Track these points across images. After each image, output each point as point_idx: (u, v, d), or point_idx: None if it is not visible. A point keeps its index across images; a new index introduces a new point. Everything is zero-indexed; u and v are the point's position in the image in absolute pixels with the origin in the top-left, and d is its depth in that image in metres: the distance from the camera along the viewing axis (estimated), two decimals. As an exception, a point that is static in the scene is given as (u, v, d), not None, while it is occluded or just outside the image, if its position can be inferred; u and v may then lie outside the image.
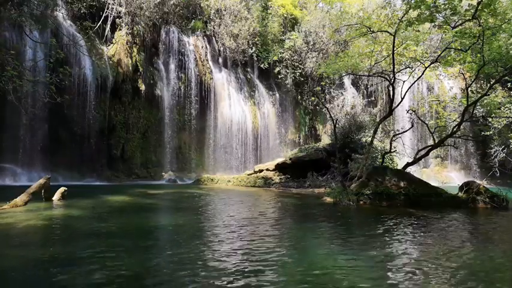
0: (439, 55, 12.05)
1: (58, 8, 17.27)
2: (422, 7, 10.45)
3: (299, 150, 19.92)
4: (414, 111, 14.45)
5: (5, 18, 13.77)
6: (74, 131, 17.92)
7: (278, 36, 26.44)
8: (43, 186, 9.03)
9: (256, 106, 25.12)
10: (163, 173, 20.77)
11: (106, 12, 19.52)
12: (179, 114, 22.11)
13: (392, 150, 13.73)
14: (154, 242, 5.62)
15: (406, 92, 13.28)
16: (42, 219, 7.00)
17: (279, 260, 4.51)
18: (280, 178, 17.38)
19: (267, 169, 18.39)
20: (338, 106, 19.43)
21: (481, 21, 10.39)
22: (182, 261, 4.43)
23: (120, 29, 20.33)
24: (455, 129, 12.71)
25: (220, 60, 24.62)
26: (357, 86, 28.46)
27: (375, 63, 13.89)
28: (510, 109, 16.22)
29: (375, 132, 13.43)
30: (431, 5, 10.44)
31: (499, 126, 17.47)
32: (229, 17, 24.07)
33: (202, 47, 23.36)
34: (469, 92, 12.65)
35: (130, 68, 20.22)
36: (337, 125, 13.86)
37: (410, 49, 13.23)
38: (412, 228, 6.99)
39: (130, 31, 20.44)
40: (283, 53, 25.86)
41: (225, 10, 24.14)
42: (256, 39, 25.12)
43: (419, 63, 13.25)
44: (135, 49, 20.76)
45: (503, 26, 10.40)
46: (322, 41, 25.94)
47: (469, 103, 12.05)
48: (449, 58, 12.24)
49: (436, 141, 13.50)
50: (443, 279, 3.95)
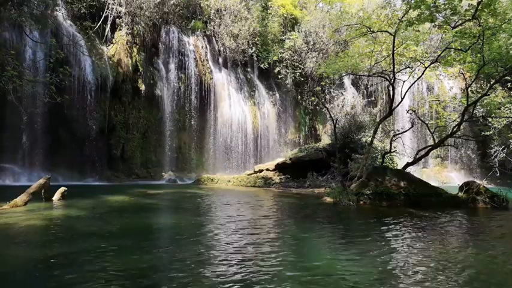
0: (439, 55, 12.05)
1: (58, 8, 17.26)
2: (422, 7, 10.45)
3: (299, 150, 19.92)
4: (414, 111, 14.45)
5: (5, 18, 13.77)
6: (74, 131, 17.92)
7: (278, 36, 26.43)
8: (43, 186, 9.03)
9: (256, 106, 25.12)
10: (163, 173, 20.77)
11: (106, 12, 19.52)
12: (179, 114, 22.10)
13: (392, 150, 13.73)
14: (154, 242, 5.62)
15: (406, 92, 13.27)
16: (42, 219, 7.00)
17: (279, 260, 4.50)
18: (280, 178, 17.38)
19: (267, 169, 18.39)
20: (338, 106, 19.43)
21: (481, 21, 10.39)
22: (182, 261, 4.43)
23: (120, 29, 20.33)
24: (455, 129, 12.71)
25: (220, 60, 24.61)
26: (357, 86, 28.45)
27: (375, 63, 13.89)
28: (510, 109, 16.21)
29: (375, 132, 13.43)
30: (431, 5, 10.44)
31: (499, 126, 17.46)
32: (229, 17, 24.07)
33: (202, 47, 23.35)
34: (469, 92, 12.64)
35: (130, 68, 20.22)
36: (337, 125, 13.86)
37: (410, 49, 13.23)
38: (412, 228, 6.99)
39: (130, 31, 20.44)
40: (283, 53, 25.86)
41: (225, 10, 24.15)
42: (256, 39, 25.12)
43: (419, 63, 13.25)
44: (135, 49, 20.76)
45: (503, 26, 10.39)
46: (322, 41, 25.94)
47: (469, 103, 12.05)
48: (449, 58, 12.23)
49: (436, 141, 13.50)
50: (443, 279, 3.95)
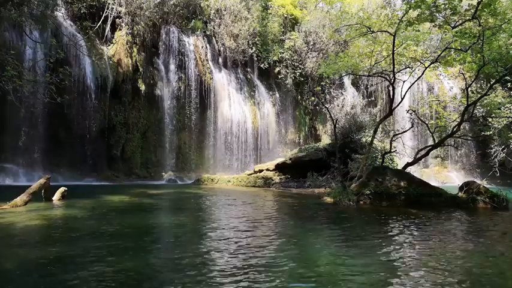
0: (439, 55, 12.03)
1: (58, 8, 17.28)
2: (422, 7, 10.44)
3: (299, 150, 19.91)
4: (414, 111, 14.44)
5: (5, 18, 13.77)
6: (74, 131, 17.93)
7: (278, 36, 26.44)
8: (43, 186, 9.03)
9: (256, 106, 25.12)
10: (163, 173, 20.77)
11: (106, 12, 19.52)
12: (179, 114, 22.11)
13: (392, 150, 13.72)
14: (154, 243, 5.62)
15: (406, 92, 13.26)
16: (42, 219, 7.00)
17: (280, 261, 4.50)
18: (280, 178, 17.38)
19: (267, 169, 18.39)
20: (338, 106, 19.38)
21: (481, 21, 10.39)
22: (182, 262, 4.43)
23: (120, 29, 20.34)
24: (455, 129, 12.69)
25: (220, 60, 24.62)
26: (357, 86, 28.45)
27: (375, 63, 13.86)
28: (510, 109, 16.20)
29: (375, 132, 13.42)
30: (431, 5, 10.44)
31: (499, 126, 17.43)
32: (229, 17, 24.07)
33: (202, 47, 23.35)
34: (469, 92, 12.63)
35: (130, 68, 20.23)
36: (337, 125, 13.85)
37: (410, 49, 13.20)
38: (413, 228, 6.99)
39: (130, 31, 20.44)
40: (283, 53, 25.87)
41: (225, 10, 24.15)
42: (256, 39, 25.12)
43: (419, 63, 13.23)
44: (135, 49, 20.76)
45: (503, 26, 10.38)
46: (322, 41, 25.94)
47: (469, 103, 12.04)
48: (449, 58, 12.21)
49: (436, 141, 13.49)
50: (444, 279, 3.95)
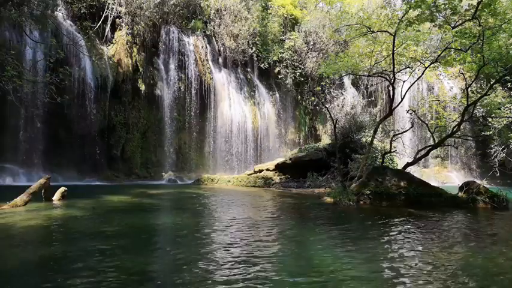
0: (439, 55, 12.02)
1: (58, 8, 17.27)
2: (422, 7, 10.44)
3: (299, 150, 19.91)
4: (414, 111, 14.43)
5: (5, 18, 13.77)
6: (74, 131, 17.92)
7: (278, 36, 26.44)
8: (43, 186, 9.03)
9: (256, 106, 25.12)
10: (163, 173, 20.78)
11: (106, 12, 19.53)
12: (179, 114, 22.11)
13: (392, 150, 13.72)
14: (154, 243, 5.62)
15: (406, 92, 13.26)
16: (42, 219, 7.00)
17: (280, 261, 4.50)
18: (280, 178, 17.38)
19: (267, 169, 18.39)
20: (338, 106, 19.37)
21: (481, 21, 10.39)
22: (183, 262, 4.43)
23: (120, 29, 20.34)
24: (455, 129, 12.69)
25: (220, 60, 24.61)
26: (357, 86, 28.45)
27: (375, 63, 13.86)
28: (510, 109, 16.20)
29: (375, 132, 13.42)
30: (431, 5, 10.43)
31: (499, 126, 17.44)
32: (229, 17, 24.07)
33: (202, 47, 23.35)
34: (469, 92, 12.63)
35: (130, 68, 20.23)
36: (337, 125, 13.85)
37: (410, 49, 13.20)
38: (413, 228, 6.99)
39: (130, 31, 20.44)
40: (283, 53, 25.86)
41: (225, 10, 24.15)
42: (256, 39, 25.12)
43: (419, 63, 13.23)
44: (135, 49, 20.77)
45: (503, 26, 10.38)
46: (322, 41, 25.94)
47: (469, 103, 12.04)
48: (449, 58, 12.21)
49: (436, 141, 13.49)
50: (444, 279, 3.95)
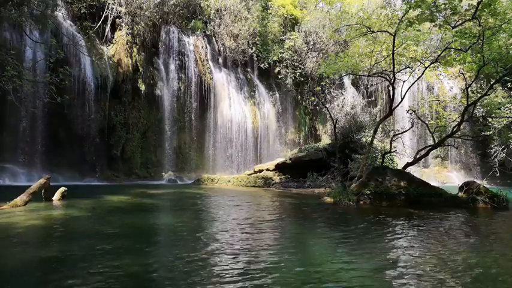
0: (439, 55, 12.03)
1: (58, 8, 17.26)
2: (422, 7, 10.44)
3: (299, 150, 19.91)
4: (414, 111, 14.44)
5: (5, 18, 13.77)
6: (74, 131, 17.92)
7: (278, 36, 26.43)
8: (43, 186, 9.03)
9: (256, 106, 25.11)
10: (163, 173, 20.77)
11: (106, 12, 19.52)
12: (179, 114, 22.10)
13: (392, 150, 13.72)
14: (154, 243, 5.62)
15: (406, 92, 13.26)
16: (42, 219, 7.00)
17: (279, 261, 4.50)
18: (280, 178, 17.38)
19: (267, 169, 18.39)
20: (338, 106, 19.37)
21: (481, 21, 10.39)
22: (183, 262, 4.43)
23: (120, 29, 20.33)
24: (455, 129, 12.70)
25: (220, 60, 24.61)
26: (357, 86, 28.45)
27: (375, 63, 13.86)
28: (510, 109, 16.20)
29: (375, 132, 13.42)
30: (431, 5, 10.43)
31: (499, 126, 17.45)
32: (229, 17, 24.07)
33: (202, 47, 23.35)
34: (469, 92, 12.64)
35: (130, 68, 20.22)
36: (337, 125, 13.86)
37: (410, 49, 13.20)
38: (413, 228, 6.99)
39: (130, 31, 20.44)
40: (283, 53, 25.86)
41: (225, 10, 24.14)
42: (256, 39, 25.11)
43: (419, 63, 13.24)
44: (135, 49, 20.76)
45: (503, 26, 10.38)
46: (322, 41, 25.93)
47: (469, 103, 12.05)
48: (449, 58, 12.21)
49: (436, 141, 13.49)
50: (444, 279, 3.95)
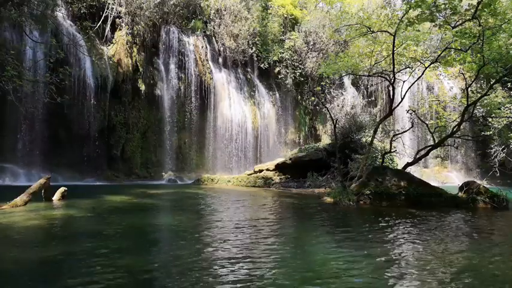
0: (439, 55, 12.03)
1: (58, 8, 17.25)
2: (422, 7, 10.44)
3: (299, 150, 19.91)
4: (414, 111, 14.43)
5: (5, 18, 13.76)
6: (74, 131, 17.92)
7: (278, 36, 26.43)
8: (43, 186, 9.03)
9: (256, 106, 25.11)
10: (163, 173, 20.77)
11: (106, 12, 19.52)
12: (179, 114, 22.10)
13: (392, 150, 13.72)
14: (154, 243, 5.61)
15: (406, 92, 13.26)
16: (42, 219, 6.99)
17: (280, 261, 4.50)
18: (280, 178, 17.38)
19: (267, 169, 18.39)
20: (338, 106, 19.37)
21: (481, 21, 10.39)
22: (182, 262, 4.43)
23: (120, 29, 20.33)
24: (455, 129, 12.69)
25: (220, 60, 24.61)
26: (357, 86, 28.45)
27: (375, 63, 13.86)
28: (510, 109, 16.21)
29: (375, 132, 13.42)
30: (431, 5, 10.43)
31: (499, 126, 17.45)
32: (229, 17, 24.07)
33: (202, 47, 23.35)
34: (469, 92, 12.64)
35: (130, 68, 20.22)
36: (337, 125, 13.85)
37: (410, 49, 13.21)
38: (413, 228, 6.99)
39: (130, 31, 20.44)
40: (283, 53, 25.86)
41: (225, 10, 24.14)
42: (256, 39, 25.11)
43: (419, 63, 13.24)
44: (135, 49, 20.76)
45: (503, 26, 10.38)
46: (322, 41, 25.94)
47: (469, 103, 12.05)
48: (449, 58, 12.21)
49: (436, 141, 13.49)
50: (444, 279, 3.95)
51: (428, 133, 15.92)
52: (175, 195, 12.95)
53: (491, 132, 18.18)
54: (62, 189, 9.84)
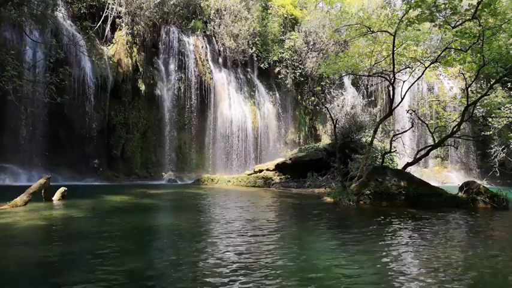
0: (439, 55, 12.03)
1: (58, 8, 17.26)
2: (422, 7, 10.44)
3: (299, 150, 19.91)
4: (414, 111, 14.44)
5: (5, 18, 13.76)
6: (74, 131, 17.93)
7: (278, 36, 26.44)
8: (43, 186, 9.03)
9: (256, 106, 25.12)
10: (163, 173, 20.78)
11: (106, 12, 19.52)
12: (179, 114, 22.11)
13: (392, 150, 13.72)
14: (154, 243, 5.61)
15: (406, 92, 13.26)
16: (42, 219, 6.99)
17: (279, 262, 4.50)
18: (280, 178, 17.38)
19: (267, 169, 18.39)
20: (338, 106, 19.37)
21: (481, 21, 10.39)
22: (182, 262, 4.43)
23: (120, 29, 20.34)
24: (455, 129, 12.69)
25: (220, 60, 24.61)
26: (357, 86, 28.45)
27: (375, 63, 13.86)
28: (510, 109, 16.21)
29: (375, 132, 13.42)
30: (431, 5, 10.43)
31: (499, 126, 17.46)
32: (229, 17, 24.07)
33: (202, 47, 23.35)
34: (469, 92, 12.63)
35: (130, 68, 20.22)
36: (337, 125, 13.86)
37: (410, 49, 13.21)
38: (413, 228, 6.99)
39: (130, 31, 20.44)
40: (283, 53, 25.87)
41: (225, 10, 24.14)
42: (256, 39, 25.11)
43: (419, 63, 13.24)
44: (135, 49, 20.76)
45: (503, 26, 10.38)
46: (322, 41, 25.94)
47: (469, 103, 12.05)
48: (449, 58, 12.21)
49: (436, 141, 13.49)
50: (445, 280, 3.95)
51: (428, 133, 15.92)
52: (175, 195, 12.95)
53: (491, 132, 18.19)
54: (62, 189, 9.84)
